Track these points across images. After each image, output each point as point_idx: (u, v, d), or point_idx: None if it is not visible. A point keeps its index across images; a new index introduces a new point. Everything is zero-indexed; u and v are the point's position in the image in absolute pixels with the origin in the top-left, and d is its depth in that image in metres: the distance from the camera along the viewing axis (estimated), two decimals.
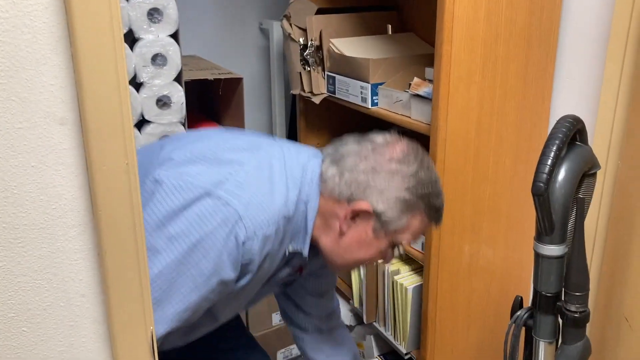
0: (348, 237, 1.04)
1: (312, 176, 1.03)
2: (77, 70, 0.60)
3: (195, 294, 0.95)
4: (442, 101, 1.30)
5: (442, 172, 1.36)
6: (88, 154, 0.63)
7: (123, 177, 0.65)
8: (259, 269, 1.00)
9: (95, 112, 0.61)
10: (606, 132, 1.26)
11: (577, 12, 1.39)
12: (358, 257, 1.07)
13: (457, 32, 1.26)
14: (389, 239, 1.04)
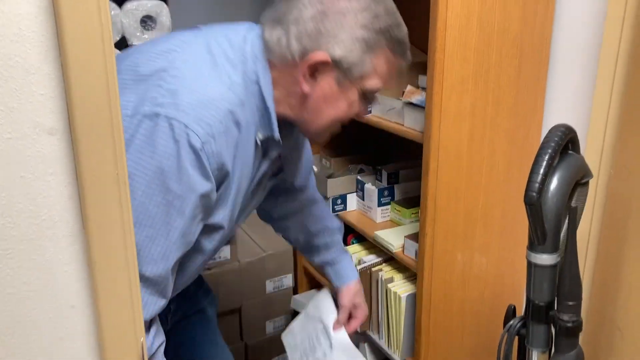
0: (313, 98, 0.98)
1: (254, 51, 0.97)
2: (67, 80, 0.59)
3: (181, 218, 0.91)
4: (435, 109, 1.30)
5: (435, 180, 1.36)
6: (78, 164, 0.62)
7: (113, 187, 0.64)
8: (235, 170, 0.96)
9: (85, 122, 0.61)
10: (598, 140, 1.26)
11: (569, 22, 1.40)
12: (330, 116, 1.01)
13: (450, 41, 1.26)
14: (357, 88, 0.99)
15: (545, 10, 1.37)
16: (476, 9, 1.27)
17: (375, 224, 1.77)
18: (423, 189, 1.39)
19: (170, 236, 0.91)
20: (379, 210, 1.78)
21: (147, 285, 0.92)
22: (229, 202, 1.00)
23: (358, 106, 1.02)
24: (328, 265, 1.45)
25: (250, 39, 0.98)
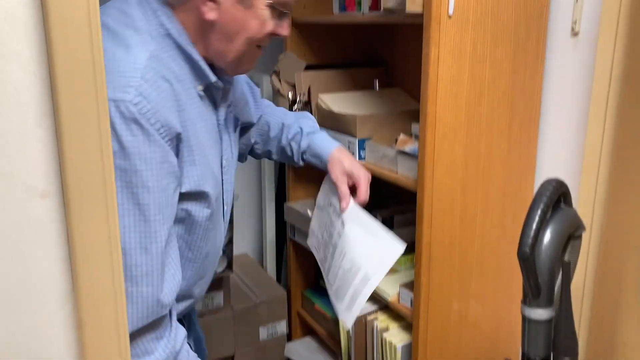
0: (221, 24, 0.97)
1: (151, 5, 0.96)
2: (61, 144, 0.60)
3: (148, 193, 0.89)
4: (428, 159, 1.31)
5: (429, 228, 1.36)
6: (69, 227, 0.62)
7: (105, 250, 0.64)
8: (187, 127, 0.95)
9: (77, 185, 0.61)
10: (590, 193, 1.27)
11: (559, 75, 1.42)
12: (242, 39, 0.99)
13: (442, 92, 1.28)
14: (265, 2, 0.97)
15: (534, 64, 1.40)
16: (467, 62, 1.29)
17: None
18: (417, 237, 1.39)
19: (147, 215, 0.89)
20: None
21: (144, 282, 0.91)
22: (196, 161, 0.99)
23: (272, 23, 1.01)
24: (306, 153, 1.37)
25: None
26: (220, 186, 1.11)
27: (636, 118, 1.17)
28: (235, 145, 1.21)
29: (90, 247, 0.63)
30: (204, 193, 1.02)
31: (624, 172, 1.21)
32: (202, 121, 1.02)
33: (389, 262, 1.22)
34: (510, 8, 1.32)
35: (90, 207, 0.62)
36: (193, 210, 1.02)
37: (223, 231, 1.18)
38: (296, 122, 1.37)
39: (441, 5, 1.22)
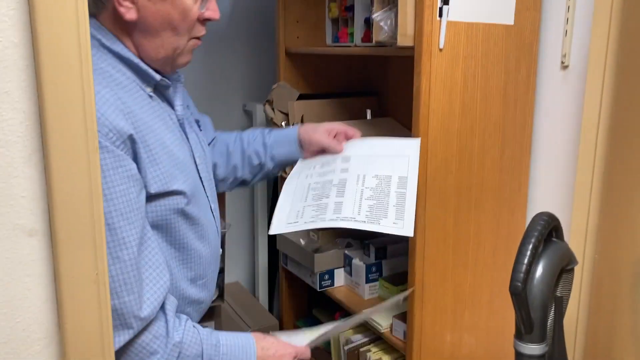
0: (142, 21, 0.96)
1: None
2: (49, 182, 0.60)
3: (107, 202, 0.87)
4: (420, 190, 1.31)
5: (422, 259, 1.36)
6: (57, 266, 0.61)
7: (92, 288, 0.64)
8: (142, 129, 0.95)
9: (66, 224, 0.61)
10: (582, 225, 1.27)
11: (550, 107, 1.44)
12: (167, 31, 0.98)
13: (433, 124, 1.29)
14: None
15: (525, 96, 1.41)
16: (458, 94, 1.31)
17: (363, 301, 1.75)
18: (410, 268, 1.38)
19: (110, 224, 0.88)
20: (367, 286, 1.76)
21: (124, 291, 0.89)
22: (158, 160, 0.98)
23: (195, 9, 0.99)
24: (274, 148, 1.35)
25: None
26: (198, 182, 1.10)
27: (625, 150, 1.18)
28: (204, 142, 1.21)
29: (77, 286, 0.62)
30: (174, 191, 1.00)
31: (615, 204, 1.22)
32: (159, 121, 1.02)
33: (415, 156, 1.22)
34: (501, 41, 1.34)
35: (78, 245, 0.62)
36: (168, 209, 1.00)
37: (215, 230, 1.16)
38: (251, 130, 1.38)
39: (432, 38, 1.24)
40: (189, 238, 1.06)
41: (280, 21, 1.92)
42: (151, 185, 0.96)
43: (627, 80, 1.18)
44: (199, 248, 1.09)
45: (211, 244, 1.13)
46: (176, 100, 1.10)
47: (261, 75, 2.38)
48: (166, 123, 1.05)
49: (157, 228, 1.00)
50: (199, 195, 1.09)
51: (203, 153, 1.18)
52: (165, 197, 0.99)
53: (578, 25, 1.35)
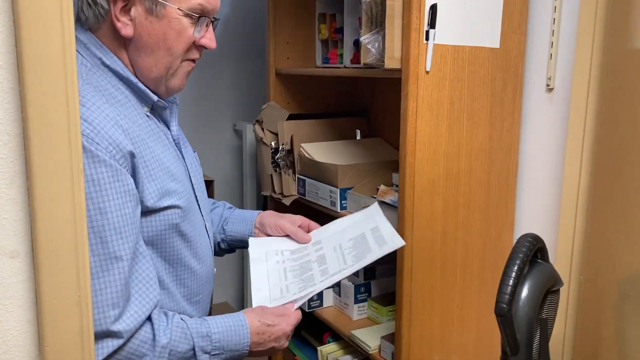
0: (138, 39, 0.98)
1: (78, 39, 0.98)
2: (32, 204, 0.59)
3: (103, 215, 0.88)
4: (408, 211, 1.32)
5: (409, 280, 1.36)
6: (38, 288, 0.61)
7: (74, 310, 0.63)
8: (140, 147, 0.96)
9: (48, 245, 0.60)
10: (567, 247, 1.28)
11: (536, 129, 1.46)
12: (162, 51, 0.98)
13: (420, 146, 1.30)
14: (176, 11, 0.97)
15: (511, 118, 1.43)
16: (445, 115, 1.32)
17: (351, 322, 1.74)
18: (398, 289, 1.38)
19: (103, 237, 0.89)
20: (356, 307, 1.75)
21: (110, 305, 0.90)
22: (154, 176, 0.99)
23: (191, 32, 1.00)
24: (228, 222, 1.36)
25: None
26: (193, 200, 1.11)
27: (609, 171, 1.20)
28: (198, 162, 1.23)
29: (59, 308, 0.62)
30: (170, 205, 1.01)
31: (600, 225, 1.23)
32: (156, 140, 1.04)
33: (379, 214, 1.29)
34: (487, 64, 1.36)
35: (61, 267, 0.61)
36: (164, 225, 1.01)
37: (210, 249, 1.17)
38: (213, 203, 1.40)
39: (419, 61, 1.25)
40: (184, 255, 1.06)
41: (270, 42, 1.94)
42: (148, 199, 0.97)
43: (609, 103, 1.20)
44: (194, 265, 1.09)
45: (206, 262, 1.14)
46: (172, 121, 1.12)
47: (251, 95, 2.39)
48: (162, 142, 1.06)
49: (153, 244, 1.01)
50: (194, 213, 1.10)
51: (198, 173, 1.19)
52: (161, 211, 1.00)
53: (562, 48, 1.37)
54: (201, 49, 1.06)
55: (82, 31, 1.01)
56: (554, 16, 1.37)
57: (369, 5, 1.31)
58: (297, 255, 1.27)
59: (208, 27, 1.04)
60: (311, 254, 1.27)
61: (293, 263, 1.25)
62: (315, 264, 1.23)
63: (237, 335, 1.05)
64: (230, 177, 2.44)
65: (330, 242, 1.27)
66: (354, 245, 1.23)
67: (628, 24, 1.15)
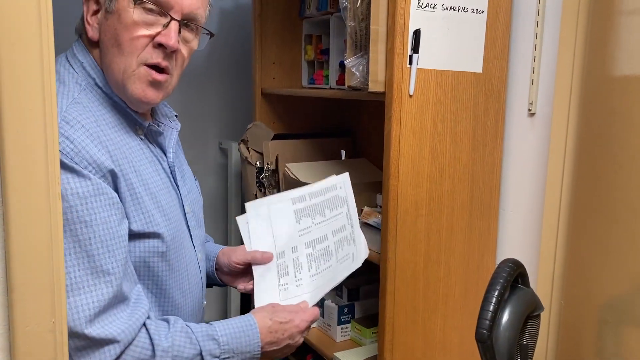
0: (102, 41, 0.97)
1: (72, 53, 1.00)
2: (7, 229, 0.59)
3: (87, 227, 0.87)
4: (391, 233, 1.32)
5: (392, 303, 1.35)
6: (11, 314, 0.60)
7: (48, 337, 0.62)
8: (125, 169, 0.94)
9: (23, 272, 0.60)
10: (548, 272, 1.29)
11: (518, 152, 1.47)
12: (119, 53, 0.95)
13: (404, 168, 1.31)
14: (127, 2, 0.94)
15: (494, 142, 1.44)
16: (428, 138, 1.33)
17: (335, 343, 1.73)
18: (381, 311, 1.38)
19: (89, 250, 0.88)
20: (339, 328, 1.74)
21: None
22: (141, 201, 0.97)
23: (140, 26, 0.95)
24: None
25: (68, 52, 1.02)
26: (184, 231, 1.08)
27: (590, 195, 1.21)
28: (198, 191, 1.20)
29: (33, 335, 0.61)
30: (153, 233, 0.99)
31: (580, 249, 1.24)
32: (146, 165, 1.02)
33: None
34: (470, 88, 1.38)
35: (35, 293, 0.61)
36: (147, 252, 0.99)
37: (200, 282, 1.14)
38: None
39: (402, 85, 1.26)
40: (167, 285, 1.03)
41: (257, 62, 1.95)
42: (132, 222, 0.96)
43: (589, 128, 1.22)
44: (178, 297, 1.06)
45: (193, 295, 1.11)
46: (169, 147, 1.09)
47: (237, 114, 2.40)
48: (154, 167, 1.04)
49: (138, 270, 0.99)
50: (184, 244, 1.07)
51: (196, 203, 1.17)
52: (144, 238, 0.98)
53: (544, 74, 1.39)
54: (165, 53, 0.97)
55: (80, 49, 1.01)
56: (535, 42, 1.39)
57: (354, 29, 1.33)
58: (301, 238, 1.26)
59: (169, 26, 0.96)
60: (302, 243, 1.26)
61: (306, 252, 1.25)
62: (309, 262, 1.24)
63: (246, 336, 1.01)
64: (215, 196, 2.43)
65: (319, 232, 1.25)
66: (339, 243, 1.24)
67: (606, 51, 1.17)
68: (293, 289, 1.21)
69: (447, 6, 1.30)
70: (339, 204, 1.28)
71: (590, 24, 1.20)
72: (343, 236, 1.26)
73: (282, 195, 1.30)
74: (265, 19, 1.92)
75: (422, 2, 1.26)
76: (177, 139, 1.15)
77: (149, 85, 0.99)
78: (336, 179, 1.30)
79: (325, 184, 1.30)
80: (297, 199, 1.28)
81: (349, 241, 1.26)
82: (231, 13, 2.26)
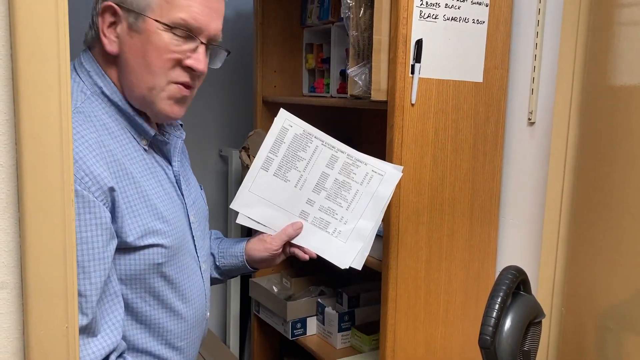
0: (123, 56, 0.96)
1: (79, 61, 1.00)
2: (23, 235, 0.60)
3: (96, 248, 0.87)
4: (393, 240, 1.34)
5: (394, 310, 1.36)
6: (26, 319, 0.61)
7: (62, 342, 0.63)
8: (123, 182, 0.93)
9: (37, 277, 0.61)
10: (549, 276, 1.30)
11: (518, 161, 1.49)
12: (146, 71, 0.95)
13: (405, 176, 1.32)
14: (157, 24, 0.94)
15: (494, 150, 1.46)
16: (429, 147, 1.35)
17: (335, 351, 1.74)
18: (382, 318, 1.39)
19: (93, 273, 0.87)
20: (339, 335, 1.75)
21: None
22: (138, 212, 0.96)
23: (176, 50, 0.96)
24: (223, 242, 1.32)
25: (75, 61, 1.02)
26: (188, 241, 1.07)
27: (590, 203, 1.23)
28: (204, 200, 1.19)
29: (46, 339, 0.62)
30: (152, 244, 0.98)
31: (581, 256, 1.25)
32: (149, 175, 1.01)
33: None
34: (470, 98, 1.40)
35: (49, 298, 0.61)
36: (146, 264, 0.97)
37: (203, 292, 1.12)
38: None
39: (404, 94, 1.28)
40: (166, 297, 1.02)
41: (258, 70, 1.96)
42: (128, 235, 0.94)
43: (590, 137, 1.24)
44: (179, 308, 1.05)
45: (195, 305, 1.09)
46: (174, 157, 1.08)
47: (238, 121, 2.41)
48: (157, 177, 1.03)
49: (132, 283, 0.98)
50: (187, 255, 1.06)
51: (201, 212, 1.16)
52: (142, 250, 0.97)
53: (543, 84, 1.41)
54: (192, 74, 1.00)
55: (87, 58, 1.01)
56: (535, 52, 1.41)
57: (356, 38, 1.34)
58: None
59: (197, 49, 0.99)
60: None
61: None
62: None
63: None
64: (214, 203, 2.44)
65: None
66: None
67: (606, 60, 1.19)
68: (344, 227, 1.23)
69: (449, 17, 1.32)
70: (304, 141, 1.25)
71: (590, 34, 1.22)
72: (342, 163, 1.25)
73: (250, 173, 1.25)
74: (267, 27, 1.94)
75: (424, 12, 1.28)
76: (184, 147, 1.16)
77: (176, 102, 1.01)
78: (277, 120, 1.25)
79: (272, 132, 1.25)
80: (265, 164, 1.24)
81: (354, 164, 1.25)
82: (233, 21, 2.28)
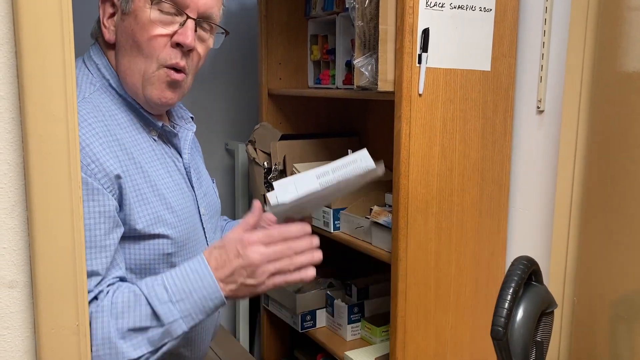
0: (119, 43, 0.97)
1: (88, 55, 1.02)
2: (32, 234, 0.59)
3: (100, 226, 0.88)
4: (402, 232, 1.33)
5: (404, 302, 1.36)
6: (37, 317, 0.61)
7: (73, 339, 0.63)
8: (130, 171, 0.94)
9: (47, 275, 0.60)
10: (560, 269, 1.29)
11: (527, 150, 1.48)
12: (136, 54, 0.95)
13: (413, 167, 1.31)
14: (147, 1, 0.93)
15: (502, 139, 1.45)
16: (438, 137, 1.33)
17: (345, 342, 1.73)
18: (392, 310, 1.38)
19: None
20: (349, 327, 1.75)
21: None
22: (148, 201, 0.96)
23: (160, 27, 0.95)
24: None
25: (85, 55, 1.04)
26: (199, 232, 1.07)
27: (601, 192, 1.21)
28: (215, 194, 1.19)
29: (57, 337, 0.62)
30: (160, 234, 0.97)
31: (592, 246, 1.24)
32: (158, 166, 1.01)
33: None
34: (478, 87, 1.38)
35: (60, 297, 0.61)
36: (154, 253, 0.97)
37: None
38: None
39: (411, 84, 1.27)
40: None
41: (263, 63, 1.95)
42: (138, 222, 0.95)
43: (600, 125, 1.22)
44: None
45: None
46: (184, 148, 1.08)
47: (243, 115, 2.40)
48: (166, 168, 1.03)
49: (141, 272, 0.98)
50: (196, 246, 1.06)
51: (212, 204, 1.16)
52: (151, 239, 0.97)
53: (552, 71, 1.40)
54: (182, 51, 0.98)
55: (96, 51, 1.02)
56: (543, 40, 1.40)
57: (362, 29, 1.33)
58: None
59: (185, 24, 0.97)
60: None
61: None
62: None
63: (194, 272, 0.91)
64: (221, 197, 2.43)
65: None
66: None
67: (616, 47, 1.17)
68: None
69: (455, 5, 1.30)
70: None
71: (600, 20, 1.20)
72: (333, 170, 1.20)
73: (306, 172, 1.26)
74: (271, 19, 1.93)
75: (430, 1, 1.26)
76: (195, 140, 1.15)
77: (168, 86, 1.00)
78: (356, 154, 1.27)
79: (346, 159, 1.27)
80: (320, 174, 1.25)
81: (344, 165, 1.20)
82: (237, 14, 2.27)
